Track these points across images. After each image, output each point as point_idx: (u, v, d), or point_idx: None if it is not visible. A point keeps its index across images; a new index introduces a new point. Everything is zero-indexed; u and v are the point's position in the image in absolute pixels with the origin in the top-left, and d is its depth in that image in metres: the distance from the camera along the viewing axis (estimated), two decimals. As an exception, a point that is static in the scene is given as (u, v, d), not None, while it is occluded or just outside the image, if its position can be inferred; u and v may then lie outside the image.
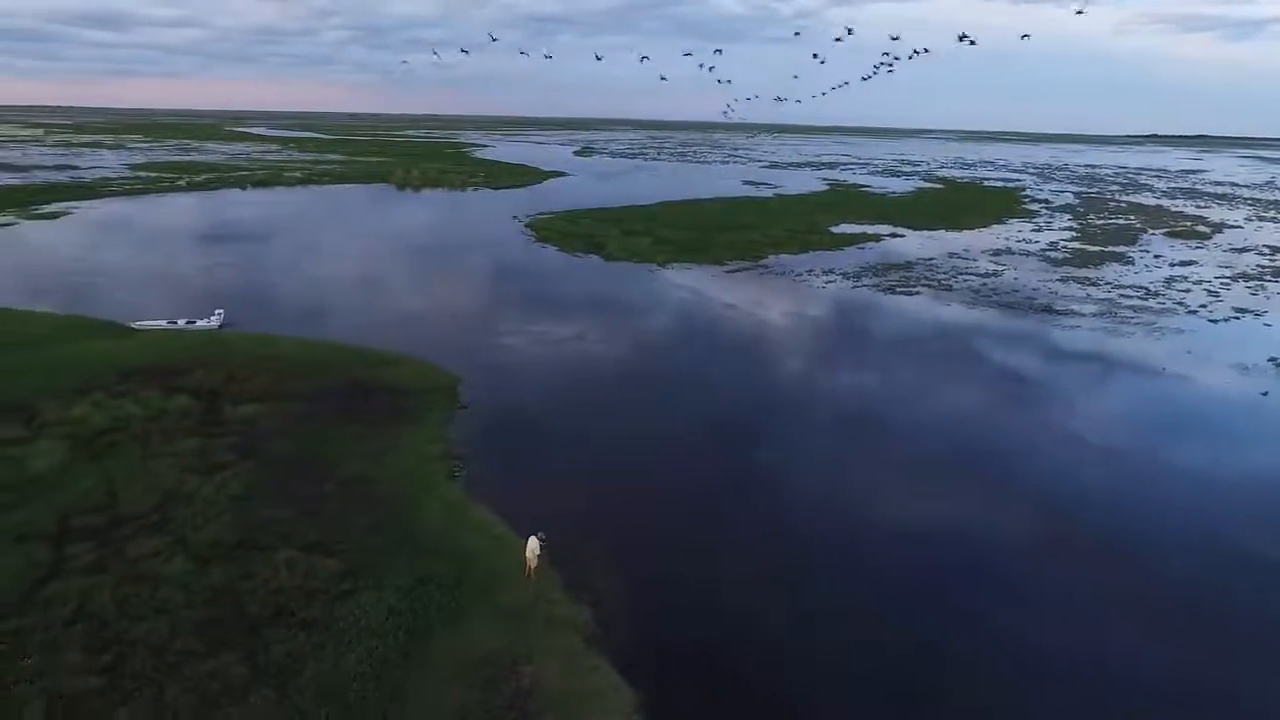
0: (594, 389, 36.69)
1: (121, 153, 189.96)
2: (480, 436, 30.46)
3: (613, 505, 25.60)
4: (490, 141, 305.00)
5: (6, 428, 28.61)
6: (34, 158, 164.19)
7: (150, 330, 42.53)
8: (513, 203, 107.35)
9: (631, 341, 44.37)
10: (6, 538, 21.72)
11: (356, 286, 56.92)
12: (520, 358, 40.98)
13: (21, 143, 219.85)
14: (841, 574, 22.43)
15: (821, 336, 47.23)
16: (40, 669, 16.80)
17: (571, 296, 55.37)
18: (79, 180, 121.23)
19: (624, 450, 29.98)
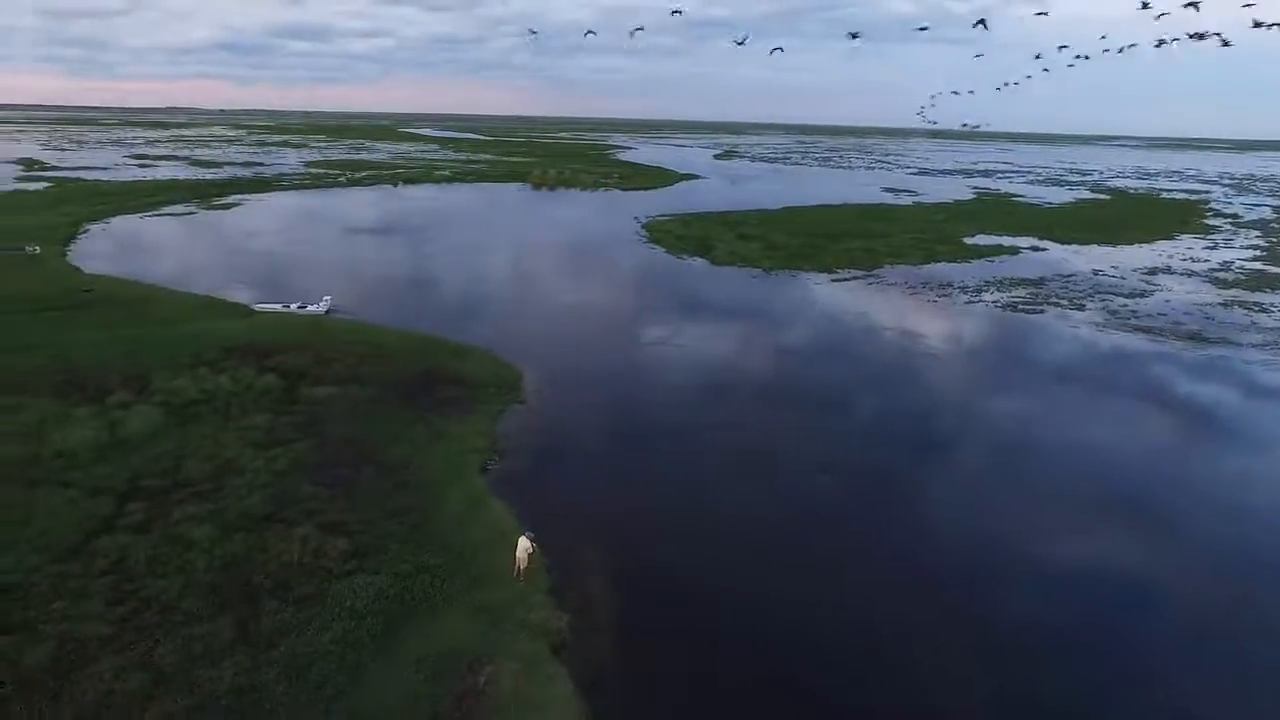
0: (655, 396, 36.11)
1: (304, 151, 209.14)
2: (525, 432, 30.76)
3: (638, 524, 24.55)
4: (635, 144, 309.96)
5: (120, 394, 31.95)
6: (230, 155, 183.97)
7: (266, 312, 46.29)
8: (637, 204, 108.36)
9: (708, 351, 43.26)
10: (83, 491, 24.19)
11: (457, 279, 59.36)
12: (590, 358, 41.07)
13: (225, 143, 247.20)
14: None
15: (903, 352, 43.96)
16: (65, 613, 18.51)
17: (661, 299, 55.06)
18: (259, 175, 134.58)
19: (670, 467, 28.70)
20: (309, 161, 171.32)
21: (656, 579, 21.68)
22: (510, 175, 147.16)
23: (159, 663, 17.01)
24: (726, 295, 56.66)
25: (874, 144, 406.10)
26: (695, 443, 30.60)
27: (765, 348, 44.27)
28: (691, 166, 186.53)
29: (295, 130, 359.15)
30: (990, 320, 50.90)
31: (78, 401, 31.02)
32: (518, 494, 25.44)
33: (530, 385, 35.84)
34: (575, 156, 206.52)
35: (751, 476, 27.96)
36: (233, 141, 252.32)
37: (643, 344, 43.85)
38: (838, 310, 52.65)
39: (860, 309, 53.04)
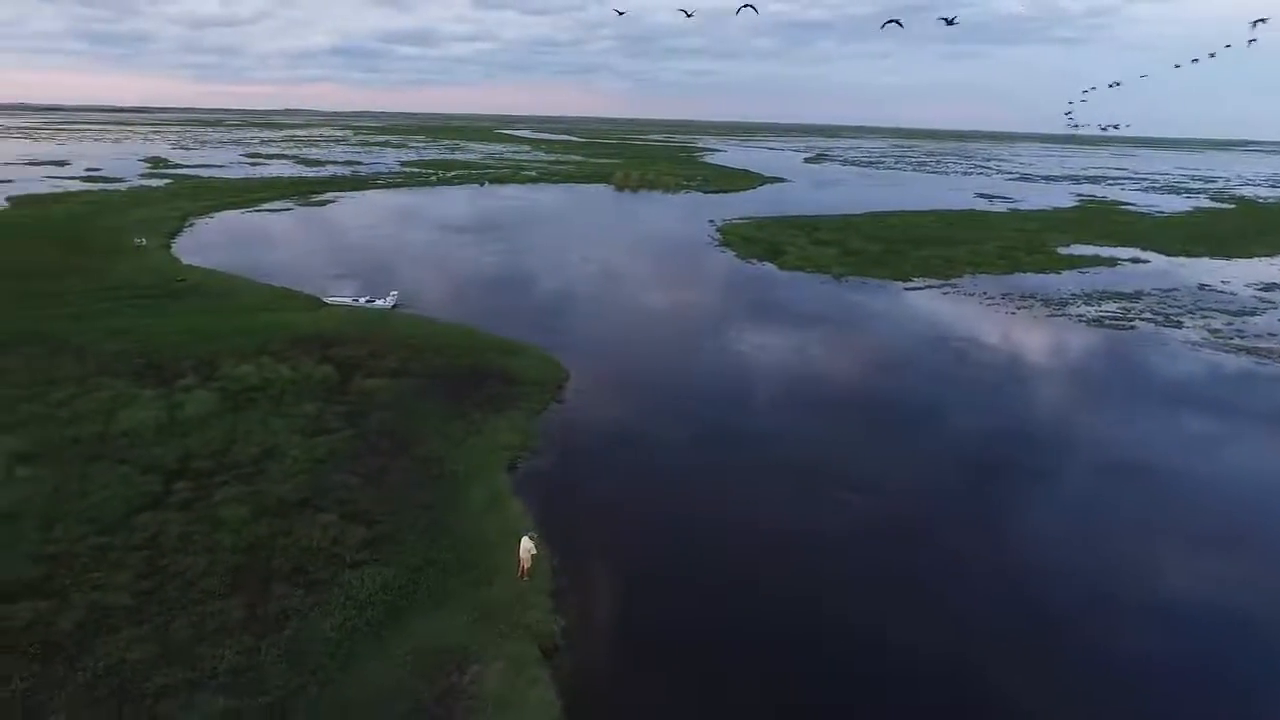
0: (699, 403, 35.40)
1: (402, 151, 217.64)
2: (560, 432, 30.82)
3: (658, 534, 23.94)
4: (725, 147, 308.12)
5: (188, 379, 33.89)
6: (334, 155, 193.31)
7: (336, 305, 48.19)
8: (716, 206, 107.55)
9: (759, 359, 42.18)
10: (136, 468, 25.69)
11: (520, 277, 60.21)
12: (638, 360, 40.84)
13: (332, 143, 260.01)
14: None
15: (962, 365, 41.55)
16: (98, 583, 19.64)
17: (720, 304, 54.29)
18: (356, 174, 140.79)
19: (705, 477, 27.78)
20: (405, 161, 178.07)
21: (667, 593, 21.11)
22: (595, 176, 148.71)
23: (170, 636, 17.79)
24: (788, 301, 55.33)
25: (976, 148, 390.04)
26: (735, 454, 29.68)
27: (818, 357, 42.92)
28: (779, 170, 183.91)
29: (398, 131, 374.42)
30: (1068, 334, 47.78)
31: (149, 384, 33.05)
32: (540, 493, 25.51)
33: (574, 385, 35.93)
34: (663, 158, 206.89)
35: (790, 493, 26.76)
36: (339, 142, 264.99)
37: (692, 349, 43.22)
38: (902, 319, 50.56)
39: (927, 318, 50.80)
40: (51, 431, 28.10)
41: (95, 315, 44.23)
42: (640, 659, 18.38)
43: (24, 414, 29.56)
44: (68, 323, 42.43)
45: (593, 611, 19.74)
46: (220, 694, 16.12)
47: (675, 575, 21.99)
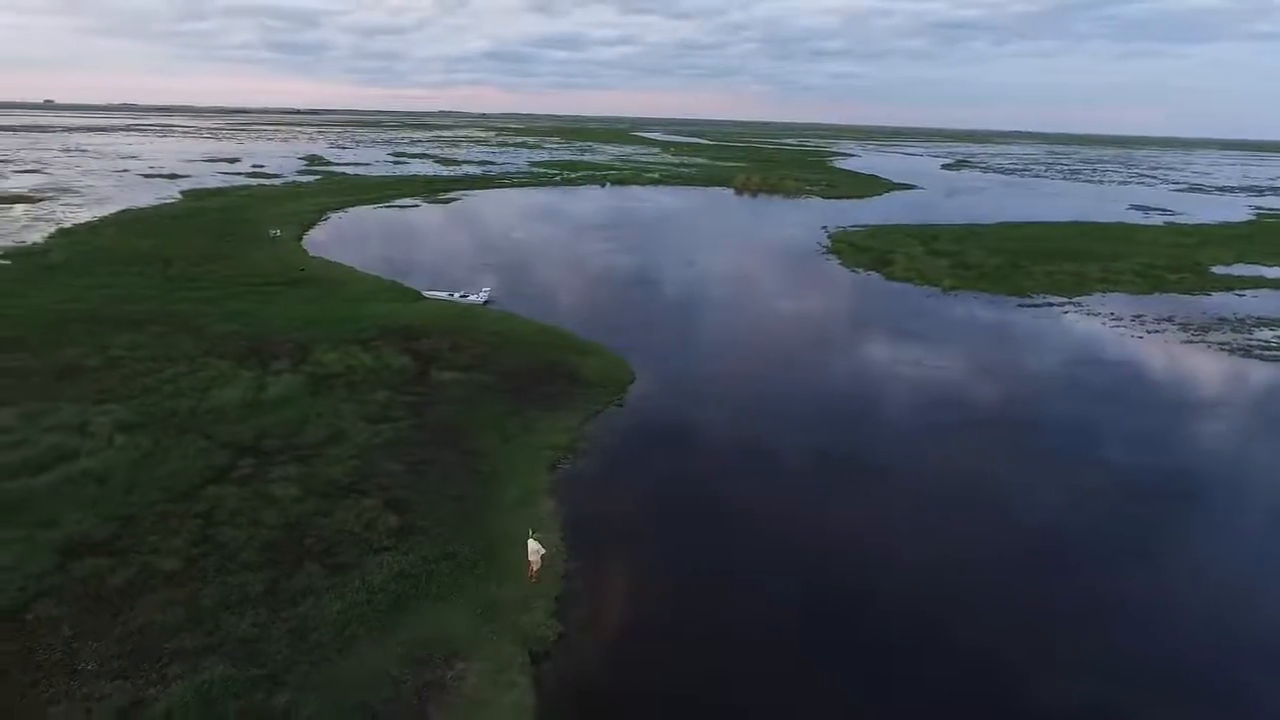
0: (763, 418, 34.23)
1: (536, 152, 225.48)
2: (612, 435, 30.68)
3: (686, 550, 23.23)
4: (860, 152, 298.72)
5: (282, 362, 36.39)
6: (471, 155, 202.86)
7: (432, 298, 50.35)
8: (834, 212, 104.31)
9: (835, 373, 40.34)
10: (215, 443, 27.81)
11: (614, 278, 60.59)
12: (710, 367, 39.95)
13: (473, 143, 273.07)
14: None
15: (1053, 392, 37.85)
16: (153, 546, 21.35)
17: (810, 313, 52.41)
18: (487, 173, 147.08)
19: (757, 497, 26.49)
20: (535, 161, 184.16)
21: (680, 613, 20.32)
22: (716, 180, 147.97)
23: (198, 603, 19.06)
24: (883, 315, 52.67)
25: (1143, 155, 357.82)
26: (794, 476, 28.40)
27: (900, 376, 40.42)
28: (912, 176, 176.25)
29: (536, 132, 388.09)
30: (1202, 363, 42.66)
31: (248, 365, 35.72)
32: (573, 496, 25.48)
33: (638, 389, 35.73)
34: (790, 163, 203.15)
35: (854, 523, 25.28)
36: (480, 142, 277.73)
37: (770, 361, 41.88)
38: (1002, 337, 46.86)
39: (1032, 337, 46.86)
40: (155, 404, 30.92)
41: (221, 299, 48.41)
42: (631, 678, 17.89)
43: (137, 387, 32.70)
44: (197, 305, 46.68)
45: (595, 622, 19.44)
46: (224, 661, 17.08)
47: (698, 605, 20.67)
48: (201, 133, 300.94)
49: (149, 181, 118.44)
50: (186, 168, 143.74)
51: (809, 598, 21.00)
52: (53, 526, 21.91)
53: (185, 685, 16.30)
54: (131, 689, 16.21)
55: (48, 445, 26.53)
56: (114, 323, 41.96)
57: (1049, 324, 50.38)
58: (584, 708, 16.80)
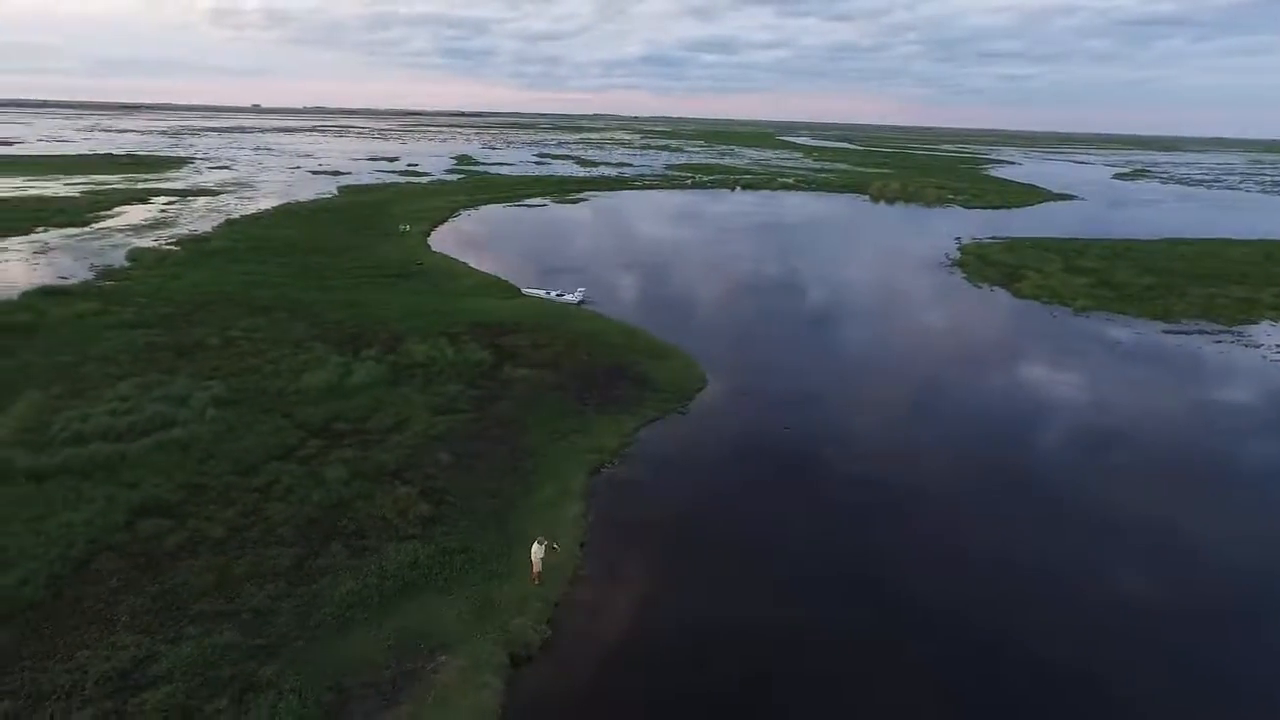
0: (837, 441, 32.54)
1: (675, 155, 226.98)
2: (664, 443, 30.13)
3: (709, 574, 22.35)
4: (1022, 160, 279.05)
5: (373, 350, 38.48)
6: (610, 157, 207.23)
7: (529, 296, 51.67)
8: (974, 223, 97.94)
9: (927, 399, 37.59)
10: (291, 423, 29.83)
11: (717, 284, 59.59)
12: (787, 378, 38.31)
13: (616, 145, 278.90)
14: None
15: (1181, 424, 33.28)
16: (210, 514, 23.15)
17: (915, 329, 49.14)
18: (620, 175, 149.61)
19: (802, 527, 25.14)
20: (671, 164, 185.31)
21: (677, 644, 19.23)
22: (853, 186, 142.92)
23: (229, 571, 20.45)
24: (996, 335, 48.69)
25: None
26: (847, 510, 26.51)
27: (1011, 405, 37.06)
28: (1073, 186, 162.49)
29: (681, 135, 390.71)
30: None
31: (343, 352, 38.07)
32: (606, 501, 25.27)
33: (706, 397, 34.96)
34: (939, 170, 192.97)
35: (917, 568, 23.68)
36: (624, 145, 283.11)
37: (856, 377, 39.74)
38: (1131, 365, 41.88)
39: (1164, 366, 41.57)
40: (252, 383, 33.60)
41: (342, 288, 51.97)
42: (603, 697, 17.40)
43: (242, 366, 35.68)
44: (318, 293, 50.37)
45: (586, 633, 19.13)
46: (233, 628, 18.20)
47: (697, 639, 19.35)
48: (373, 133, 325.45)
49: (315, 178, 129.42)
50: (350, 165, 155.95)
51: (823, 677, 19.60)
52: (133, 488, 24.22)
53: (192, 646, 17.50)
54: (148, 644, 17.59)
55: (151, 414, 29.43)
56: (243, 306, 46.06)
57: (1187, 351, 44.64)
58: (545, 719, 16.53)
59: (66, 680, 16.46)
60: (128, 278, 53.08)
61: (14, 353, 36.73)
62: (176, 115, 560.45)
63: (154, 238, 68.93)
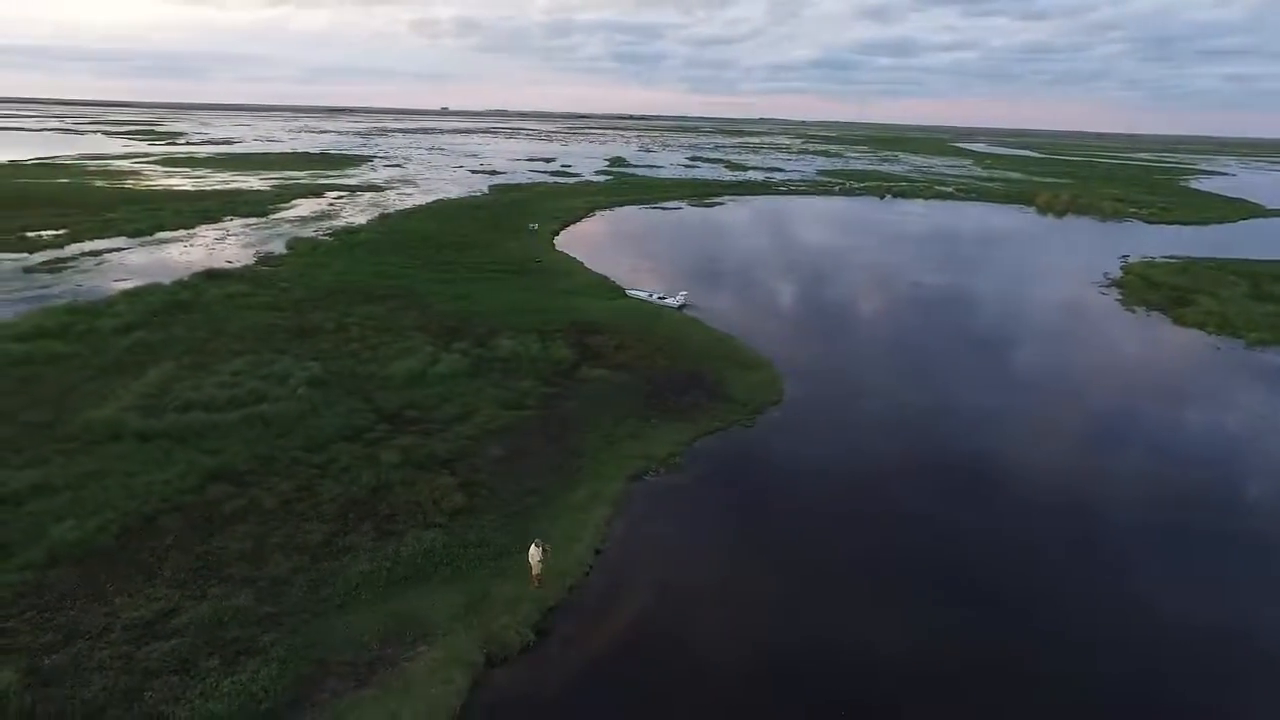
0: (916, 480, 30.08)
1: (832, 160, 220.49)
2: (715, 456, 29.14)
3: (727, 605, 21.34)
4: (1239, 170, 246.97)
5: (464, 343, 40.00)
6: (763, 162, 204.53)
7: (632, 297, 51.85)
8: (1151, 239, 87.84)
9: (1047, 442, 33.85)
10: (368, 407, 31.59)
11: (831, 293, 56.97)
12: (868, 399, 35.89)
13: (773, 149, 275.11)
14: None
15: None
16: (271, 486, 24.95)
17: (1041, 356, 44.46)
18: (766, 180, 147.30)
19: (852, 574, 23.42)
20: (824, 170, 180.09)
21: (665, 674, 18.20)
22: (1016, 196, 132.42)
23: (265, 540, 21.93)
24: (1136, 366, 43.10)
25: None
26: (920, 563, 24.28)
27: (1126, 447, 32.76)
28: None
29: (845, 141, 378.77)
30: None
31: (436, 343, 39.91)
32: (637, 510, 24.81)
33: (778, 413, 33.51)
34: (1126, 181, 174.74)
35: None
36: (780, 149, 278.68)
37: (950, 403, 36.53)
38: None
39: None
40: (346, 367, 35.98)
41: (458, 282, 54.60)
42: (566, 714, 16.98)
43: (343, 350, 38.30)
44: (437, 285, 53.19)
45: (571, 643, 18.78)
46: (251, 594, 19.48)
47: (694, 674, 18.34)
48: (540, 135, 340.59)
49: (472, 177, 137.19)
50: (508, 166, 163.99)
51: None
52: (213, 455, 26.60)
53: (210, 606, 18.91)
54: (176, 599, 19.21)
55: (250, 389, 32.24)
56: (366, 295, 49.47)
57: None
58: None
59: (100, 623, 18.28)
60: (280, 264, 58.58)
61: (168, 326, 41.50)
62: (373, 117, 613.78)
63: (315, 229, 75.62)
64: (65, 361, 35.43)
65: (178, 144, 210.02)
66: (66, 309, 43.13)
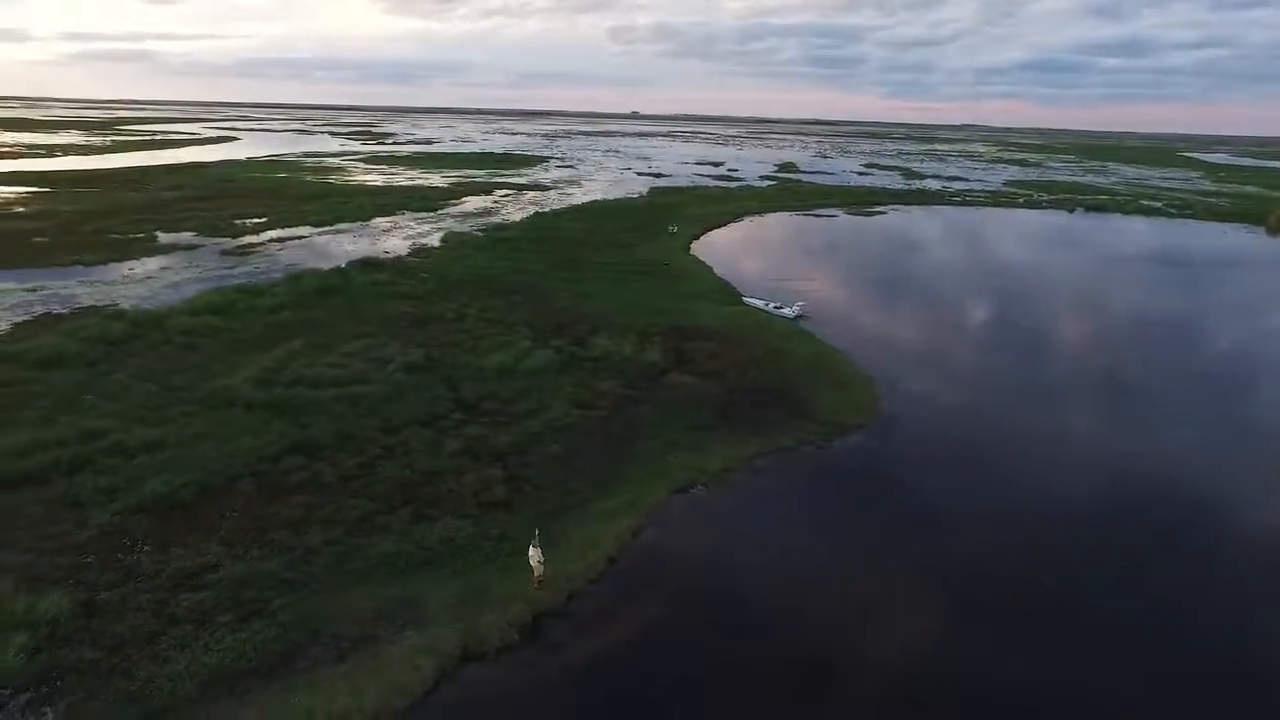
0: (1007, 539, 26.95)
1: (1026, 170, 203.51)
2: (767, 476, 27.63)
3: (745, 651, 20.54)
4: None
5: (561, 340, 40.82)
6: (946, 170, 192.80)
7: (748, 305, 50.52)
8: None
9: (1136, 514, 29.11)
10: (450, 395, 33.05)
11: (958, 315, 52.25)
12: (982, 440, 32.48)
13: (960, 159, 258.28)
14: None
15: None
16: (337, 461, 26.76)
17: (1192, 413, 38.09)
18: (943, 190, 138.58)
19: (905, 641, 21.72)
20: (1011, 180, 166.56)
21: (638, 706, 18.00)
22: (1246, 213, 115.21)
23: (312, 512, 23.46)
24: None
25: None
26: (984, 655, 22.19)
27: None
28: None
29: (1049, 150, 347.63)
30: None
31: (537, 338, 41.03)
32: (670, 522, 24.10)
33: (859, 438, 31.26)
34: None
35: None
36: (970, 158, 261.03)
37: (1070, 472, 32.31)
38: None
39: None
40: (445, 356, 37.87)
41: (585, 281, 55.89)
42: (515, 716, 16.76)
43: (449, 340, 40.33)
44: (561, 283, 54.76)
45: (553, 652, 18.50)
46: (280, 560, 20.98)
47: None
48: (718, 139, 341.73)
49: (636, 179, 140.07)
50: (675, 169, 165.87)
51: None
52: (302, 429, 28.99)
53: (244, 566, 20.60)
54: (220, 555, 21.08)
55: (354, 370, 34.85)
56: (492, 289, 51.88)
57: None
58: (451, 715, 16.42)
59: (154, 569, 20.44)
60: (428, 256, 62.89)
61: (311, 308, 45.83)
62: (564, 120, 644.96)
63: (472, 224, 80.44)
64: (219, 335, 40.09)
65: (385, 143, 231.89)
66: (236, 288, 48.86)
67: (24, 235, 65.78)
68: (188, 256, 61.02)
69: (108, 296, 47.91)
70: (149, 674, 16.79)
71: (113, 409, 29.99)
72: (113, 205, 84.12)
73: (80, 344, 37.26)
